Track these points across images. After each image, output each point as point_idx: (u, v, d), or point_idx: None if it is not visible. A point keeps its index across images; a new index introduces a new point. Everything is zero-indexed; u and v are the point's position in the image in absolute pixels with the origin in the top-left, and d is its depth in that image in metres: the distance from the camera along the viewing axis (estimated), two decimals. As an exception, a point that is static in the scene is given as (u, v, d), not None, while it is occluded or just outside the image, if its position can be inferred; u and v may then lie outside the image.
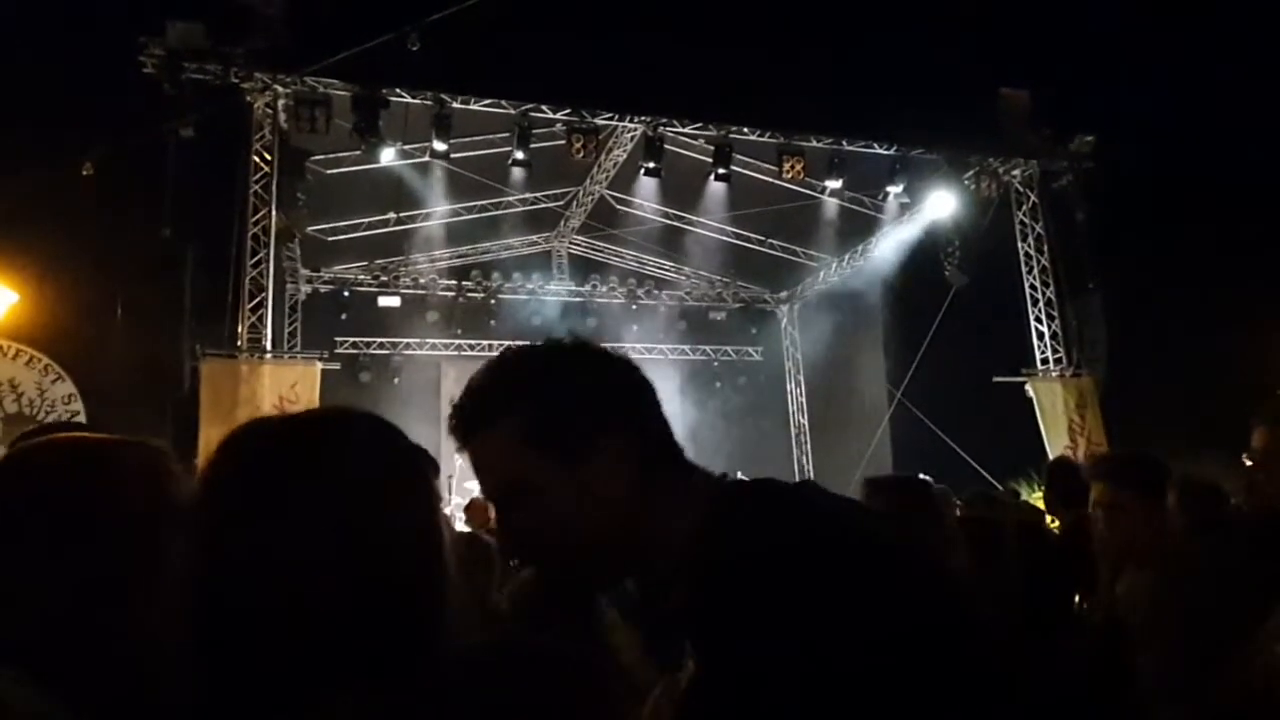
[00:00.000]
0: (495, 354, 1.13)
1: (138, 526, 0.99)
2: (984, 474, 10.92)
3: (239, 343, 9.44)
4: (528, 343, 1.12)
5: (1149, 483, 2.52)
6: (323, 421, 0.94)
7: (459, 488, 9.46)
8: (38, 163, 8.95)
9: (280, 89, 9.61)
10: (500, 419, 1.05)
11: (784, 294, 16.55)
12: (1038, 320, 12.08)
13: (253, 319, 9.60)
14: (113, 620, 0.96)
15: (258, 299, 9.67)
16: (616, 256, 15.48)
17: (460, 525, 6.09)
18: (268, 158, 9.78)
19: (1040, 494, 7.12)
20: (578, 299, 15.03)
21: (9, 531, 0.97)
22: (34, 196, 8.77)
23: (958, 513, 5.97)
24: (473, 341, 14.08)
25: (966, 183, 11.88)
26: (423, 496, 0.92)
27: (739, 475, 1.15)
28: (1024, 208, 12.27)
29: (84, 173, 8.76)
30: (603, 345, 1.14)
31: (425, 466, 0.95)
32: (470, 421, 1.07)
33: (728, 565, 0.96)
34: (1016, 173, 12.16)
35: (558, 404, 1.05)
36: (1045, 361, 11.93)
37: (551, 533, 1.05)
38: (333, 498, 0.86)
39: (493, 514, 1.13)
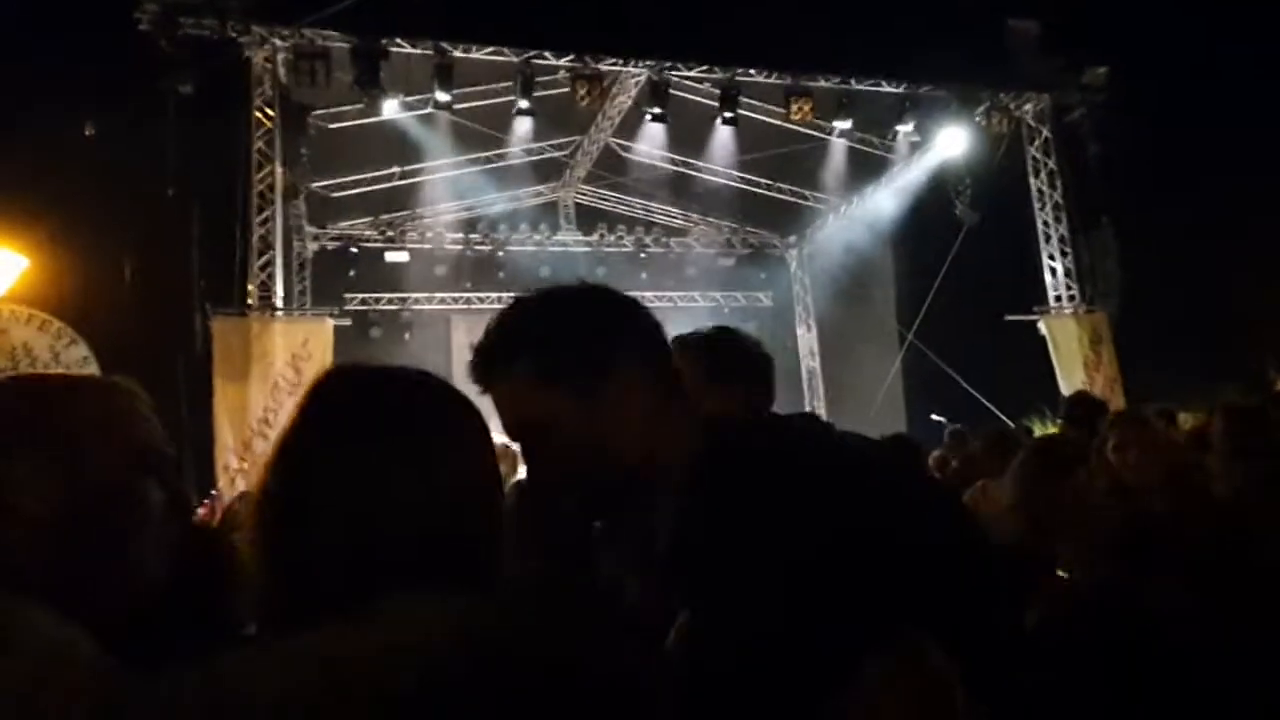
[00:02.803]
0: (506, 304, 1.19)
1: (105, 462, 1.01)
2: (997, 412, 10.93)
3: (249, 301, 9.45)
4: (538, 289, 1.19)
5: None
6: (409, 375, 1.05)
7: None
8: (39, 126, 8.88)
9: (278, 42, 9.48)
10: (515, 361, 1.11)
11: (793, 238, 16.42)
12: (1050, 257, 11.97)
13: (262, 276, 9.60)
14: (96, 550, 0.99)
15: (266, 257, 9.65)
16: (624, 205, 15.35)
17: None
18: (269, 113, 9.68)
19: (1055, 430, 7.12)
20: (586, 249, 14.95)
21: None
22: (37, 160, 8.71)
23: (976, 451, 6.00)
24: (482, 294, 14.05)
25: (977, 119, 11.68)
26: (488, 442, 1.03)
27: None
28: (1036, 143, 12.08)
29: (86, 133, 8.70)
30: (609, 288, 1.21)
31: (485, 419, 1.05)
32: (488, 366, 1.14)
33: (720, 494, 1.03)
34: (1028, 107, 11.95)
35: (567, 343, 1.11)
36: (1059, 298, 11.84)
37: (569, 463, 1.12)
38: (424, 437, 0.97)
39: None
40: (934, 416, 9.76)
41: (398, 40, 9.56)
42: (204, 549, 1.56)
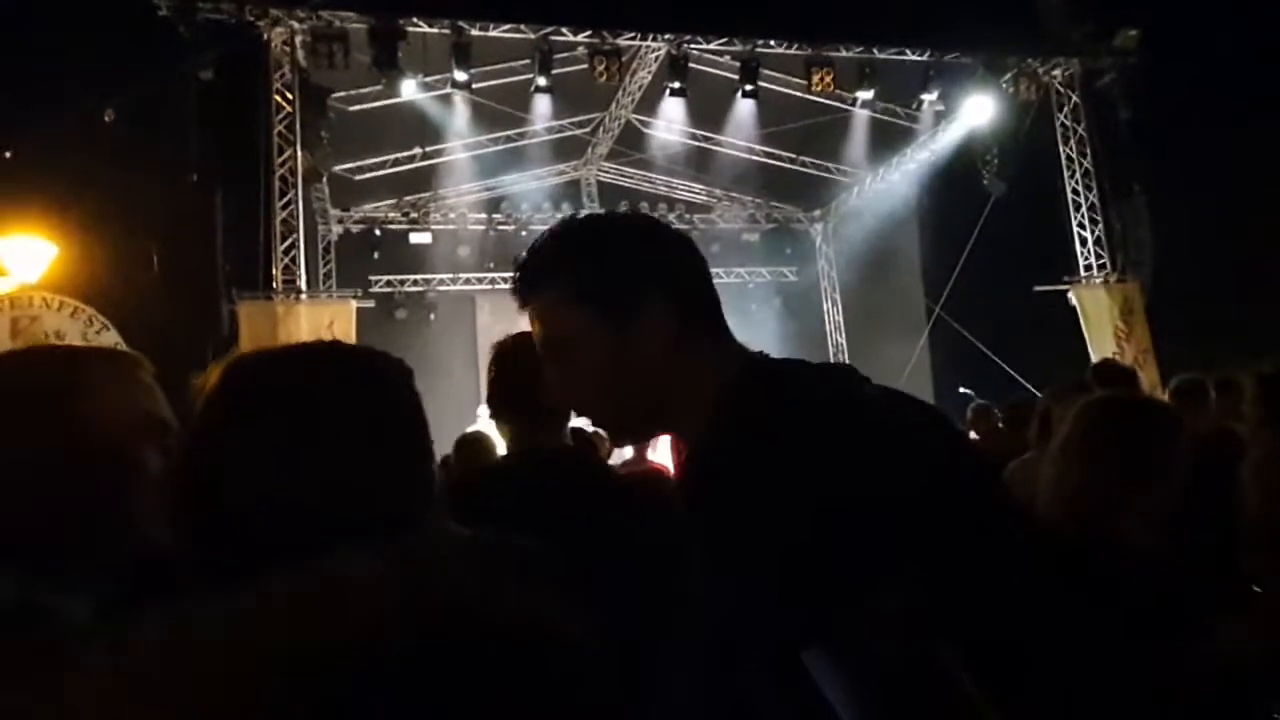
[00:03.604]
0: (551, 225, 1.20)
1: (107, 428, 1.03)
2: (1026, 385, 10.80)
3: (274, 284, 9.52)
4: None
5: None
6: (335, 347, 1.04)
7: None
8: (64, 115, 8.94)
9: (296, 24, 9.49)
10: (554, 277, 1.12)
11: (817, 212, 16.28)
12: (1080, 226, 11.77)
13: (286, 260, 9.66)
14: (95, 514, 1.00)
15: (289, 240, 9.70)
16: (646, 182, 15.25)
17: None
18: (289, 97, 9.70)
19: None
20: (609, 227, 14.89)
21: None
22: (64, 149, 8.78)
23: (999, 425, 5.93)
24: (506, 274, 13.92)
25: (1005, 86, 11.47)
26: (415, 410, 1.02)
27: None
28: (1065, 109, 11.85)
29: (105, 118, 8.76)
30: (655, 219, 1.20)
31: (408, 378, 1.03)
32: (528, 281, 1.15)
33: (733, 437, 1.01)
34: (1057, 73, 11.72)
35: (607, 265, 1.12)
36: (1089, 268, 11.66)
37: (587, 385, 1.12)
38: (348, 409, 0.95)
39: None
40: (962, 390, 9.67)
41: (414, 20, 9.53)
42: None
